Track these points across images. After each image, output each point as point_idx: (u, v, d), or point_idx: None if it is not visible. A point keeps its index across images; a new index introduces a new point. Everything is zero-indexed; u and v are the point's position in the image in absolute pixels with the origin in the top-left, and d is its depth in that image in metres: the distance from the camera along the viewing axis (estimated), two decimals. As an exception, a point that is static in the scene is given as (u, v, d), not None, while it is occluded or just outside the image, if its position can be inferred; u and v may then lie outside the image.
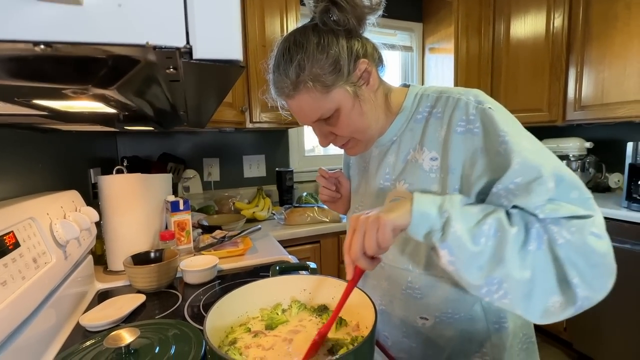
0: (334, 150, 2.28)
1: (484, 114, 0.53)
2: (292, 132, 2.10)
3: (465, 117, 0.55)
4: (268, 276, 0.62)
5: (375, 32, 2.52)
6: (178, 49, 0.21)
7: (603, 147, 2.11)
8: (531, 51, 2.14)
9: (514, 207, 0.49)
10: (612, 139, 2.12)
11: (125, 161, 1.52)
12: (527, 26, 2.14)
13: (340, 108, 0.58)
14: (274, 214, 1.61)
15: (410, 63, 2.45)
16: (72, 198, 0.85)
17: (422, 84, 2.44)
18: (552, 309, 0.43)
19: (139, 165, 1.57)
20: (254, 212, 1.62)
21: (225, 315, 0.53)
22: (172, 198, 1.12)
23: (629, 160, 1.65)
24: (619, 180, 1.98)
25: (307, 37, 0.57)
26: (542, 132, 2.37)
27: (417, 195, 0.48)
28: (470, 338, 0.62)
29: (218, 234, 1.25)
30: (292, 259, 1.10)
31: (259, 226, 1.30)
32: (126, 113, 0.49)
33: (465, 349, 0.63)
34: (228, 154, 1.96)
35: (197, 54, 0.22)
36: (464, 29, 2.14)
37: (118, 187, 1.01)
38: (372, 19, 0.60)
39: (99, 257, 1.09)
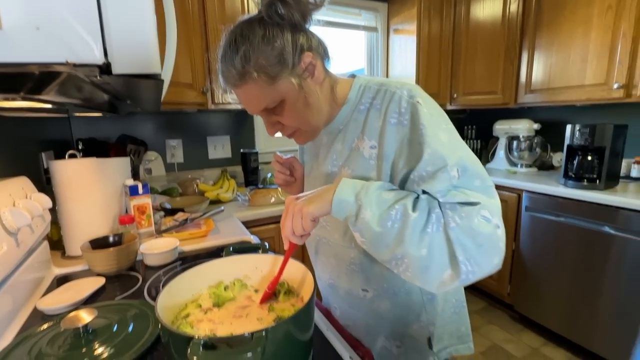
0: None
1: (414, 107, 0.59)
2: (257, 113, 2.10)
3: (398, 109, 0.60)
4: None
5: (340, 12, 2.49)
6: (97, 65, 0.24)
7: (549, 129, 2.27)
8: (488, 35, 2.22)
9: (424, 192, 0.56)
10: (557, 121, 2.29)
11: (81, 144, 1.47)
12: (485, 10, 2.21)
13: (285, 99, 0.60)
14: (238, 196, 1.63)
15: (376, 44, 2.47)
16: (21, 185, 0.83)
17: (387, 64, 2.48)
18: (446, 281, 0.51)
19: (95, 148, 1.52)
20: (218, 194, 1.63)
21: (177, 294, 0.57)
22: (130, 182, 1.11)
23: (567, 141, 1.81)
24: (560, 159, 2.16)
25: (253, 30, 0.58)
26: (496, 113, 2.51)
27: (342, 183, 0.56)
28: (407, 309, 0.71)
29: (180, 216, 1.27)
30: (254, 239, 1.15)
31: (222, 208, 1.33)
32: (67, 107, 0.49)
33: (404, 318, 0.71)
34: (192, 135, 1.93)
35: (116, 70, 0.24)
36: (426, 11, 2.18)
37: (72, 172, 1.00)
38: (316, 14, 0.62)
39: (56, 242, 1.09)
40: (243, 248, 0.73)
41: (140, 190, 1.12)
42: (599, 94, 1.76)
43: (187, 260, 0.99)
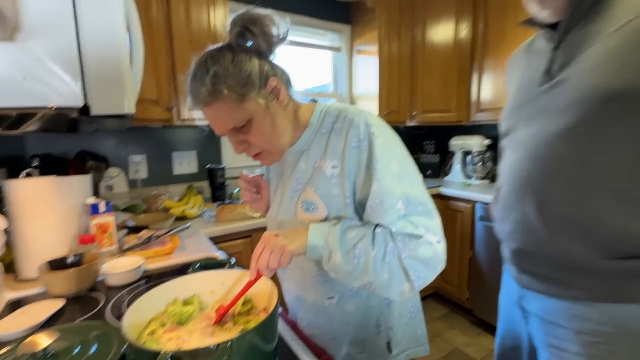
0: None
1: (370, 137, 0.66)
2: (224, 128, 2.11)
3: (358, 135, 0.66)
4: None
5: (306, 32, 2.59)
6: (77, 108, 0.27)
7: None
8: (443, 58, 2.41)
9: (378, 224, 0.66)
10: (505, 136, 2.50)
11: (37, 161, 1.41)
12: (439, 35, 2.40)
13: (253, 118, 0.65)
14: (205, 212, 1.63)
15: (340, 63, 2.59)
16: (-27, 206, 0.80)
17: (351, 83, 2.60)
18: (405, 292, 0.65)
19: (53, 164, 1.46)
20: (184, 210, 1.62)
21: (143, 312, 0.58)
22: (92, 200, 1.09)
23: (513, 156, 1.99)
24: (509, 172, 2.36)
25: (223, 54, 0.63)
26: (453, 130, 2.70)
27: (312, 230, 0.64)
28: (367, 312, 0.76)
29: (145, 234, 1.25)
30: (221, 255, 1.16)
31: (189, 224, 1.32)
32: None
33: (365, 322, 0.76)
34: (157, 150, 1.91)
35: (94, 111, 0.28)
36: (386, 34, 2.33)
37: (28, 192, 0.96)
38: (280, 47, 0.69)
39: (8, 265, 1.03)
40: (210, 264, 0.75)
41: (102, 209, 1.09)
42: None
43: (152, 279, 0.99)
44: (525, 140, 0.71)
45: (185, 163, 1.99)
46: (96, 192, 1.55)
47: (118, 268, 0.96)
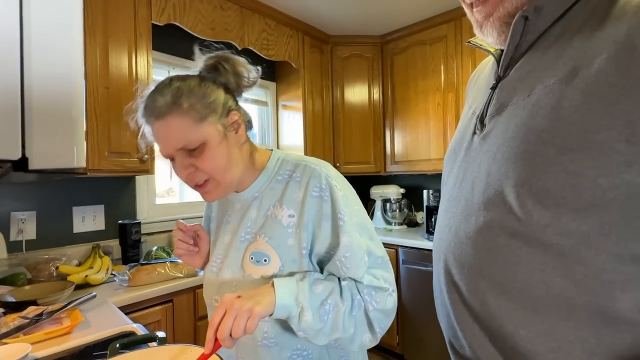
0: (190, 197, 2.18)
1: (332, 188, 0.67)
2: (140, 177, 1.91)
3: (319, 184, 0.67)
4: (105, 357, 0.56)
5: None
6: (10, 161, 0.22)
7: (413, 192, 2.76)
8: (360, 115, 2.68)
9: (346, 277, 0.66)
10: (418, 186, 2.81)
11: None
12: (355, 96, 2.69)
13: (207, 142, 0.62)
14: (114, 275, 1.39)
15: (267, 116, 2.66)
16: None
17: (277, 135, 2.67)
18: (365, 343, 0.65)
19: None
20: (86, 276, 1.36)
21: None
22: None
23: (425, 203, 2.23)
24: (423, 217, 2.62)
25: (190, 77, 0.65)
26: (371, 180, 2.93)
27: (279, 287, 0.59)
28: None
29: (31, 311, 1.00)
30: (138, 328, 0.98)
31: (93, 293, 1.11)
32: None
33: None
34: (50, 204, 1.61)
35: (33, 165, 0.23)
36: (309, 92, 2.51)
37: None
38: (246, 91, 0.72)
39: None
40: (133, 341, 0.63)
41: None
42: (441, 166, 2.27)
43: (44, 371, 0.77)
44: (451, 197, 0.58)
45: (89, 219, 1.71)
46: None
47: (-8, 362, 0.73)
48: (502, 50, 0.54)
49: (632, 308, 0.39)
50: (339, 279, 0.66)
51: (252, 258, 0.68)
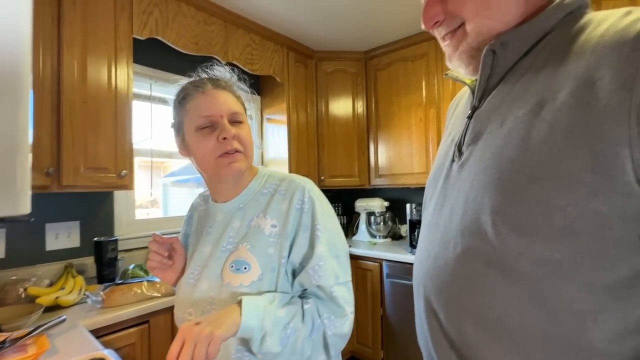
0: (171, 212, 2.14)
1: (313, 202, 0.72)
2: (119, 192, 1.86)
3: (302, 198, 0.72)
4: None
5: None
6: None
7: (396, 205, 2.78)
8: (344, 128, 2.70)
9: (315, 287, 0.68)
10: (401, 199, 2.83)
11: None
12: (340, 108, 2.71)
13: (246, 124, 0.76)
14: (87, 296, 1.34)
15: (251, 129, 2.65)
16: None
17: (262, 148, 2.66)
18: None
19: None
20: (57, 298, 1.30)
21: None
22: None
23: (408, 216, 2.25)
24: (406, 230, 2.63)
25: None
26: (355, 193, 2.94)
27: (245, 306, 0.60)
28: None
29: (-5, 338, 0.94)
30: (108, 354, 0.94)
31: (63, 317, 1.06)
32: None
33: None
34: (22, 221, 1.54)
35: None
36: (294, 105, 2.52)
37: None
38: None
39: None
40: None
41: None
42: (424, 179, 2.31)
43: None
44: (430, 224, 0.57)
45: (64, 236, 1.65)
46: None
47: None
48: (477, 81, 0.55)
49: (603, 339, 0.39)
50: (302, 301, 0.68)
51: (232, 266, 0.69)
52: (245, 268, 0.68)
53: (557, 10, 0.46)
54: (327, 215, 0.74)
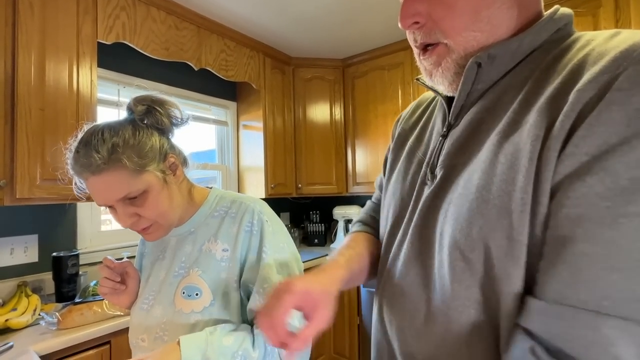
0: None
1: (262, 223, 0.70)
2: (83, 204, 1.77)
3: (251, 220, 0.70)
4: None
5: (190, 106, 2.56)
6: None
7: (373, 212, 2.78)
8: (322, 135, 2.68)
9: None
10: (378, 205, 2.84)
11: None
12: (317, 114, 2.70)
13: (149, 190, 0.64)
14: (42, 317, 1.25)
15: (227, 136, 2.60)
16: None
17: (238, 156, 2.61)
18: None
19: None
20: (7, 320, 1.21)
21: None
22: None
23: (385, 225, 2.24)
24: (384, 238, 2.64)
25: (123, 127, 0.64)
26: (333, 200, 2.92)
27: (183, 343, 0.58)
28: None
29: None
30: (58, 385, 0.87)
31: (10, 343, 0.99)
32: None
33: None
34: (-27, 236, 1.44)
35: None
36: (270, 112, 2.48)
37: None
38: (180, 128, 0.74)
39: None
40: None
41: None
42: (400, 188, 2.32)
43: None
44: (408, 258, 0.51)
45: (19, 250, 1.55)
46: None
47: None
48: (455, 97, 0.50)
49: None
50: (252, 326, 0.67)
51: (183, 292, 0.68)
52: (196, 294, 0.67)
53: (548, 25, 0.44)
54: (279, 235, 0.72)
